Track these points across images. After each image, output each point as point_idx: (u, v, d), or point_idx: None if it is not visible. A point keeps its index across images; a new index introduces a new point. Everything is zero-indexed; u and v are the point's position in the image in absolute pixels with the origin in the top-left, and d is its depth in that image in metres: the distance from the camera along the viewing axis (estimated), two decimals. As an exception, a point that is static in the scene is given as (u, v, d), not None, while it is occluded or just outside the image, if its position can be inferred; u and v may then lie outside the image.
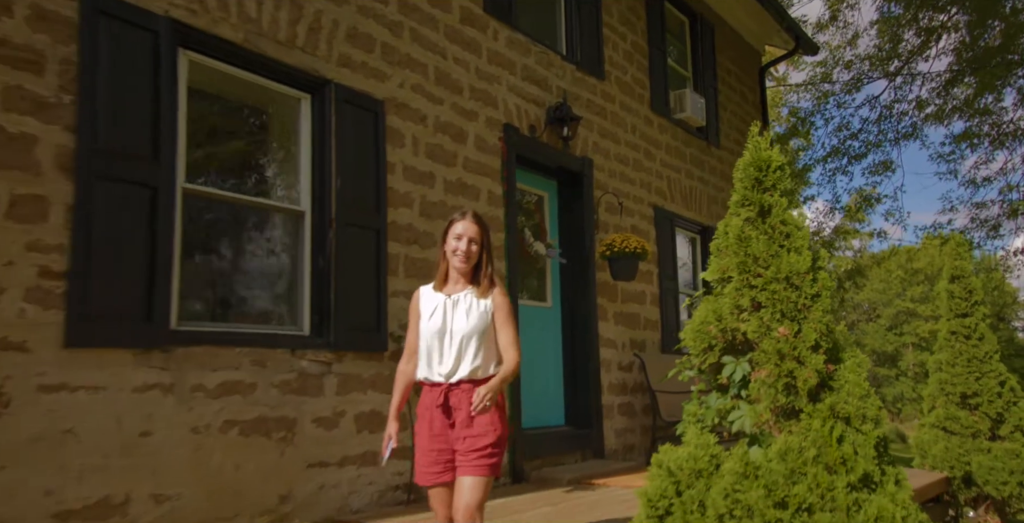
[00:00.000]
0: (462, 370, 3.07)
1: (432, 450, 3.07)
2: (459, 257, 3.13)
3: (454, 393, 3.06)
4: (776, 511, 2.52)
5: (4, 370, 3.12)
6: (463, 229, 3.15)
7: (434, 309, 3.16)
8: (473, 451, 3.01)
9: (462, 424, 3.05)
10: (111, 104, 3.58)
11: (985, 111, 15.71)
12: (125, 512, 3.45)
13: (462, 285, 3.20)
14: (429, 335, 3.12)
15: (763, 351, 2.83)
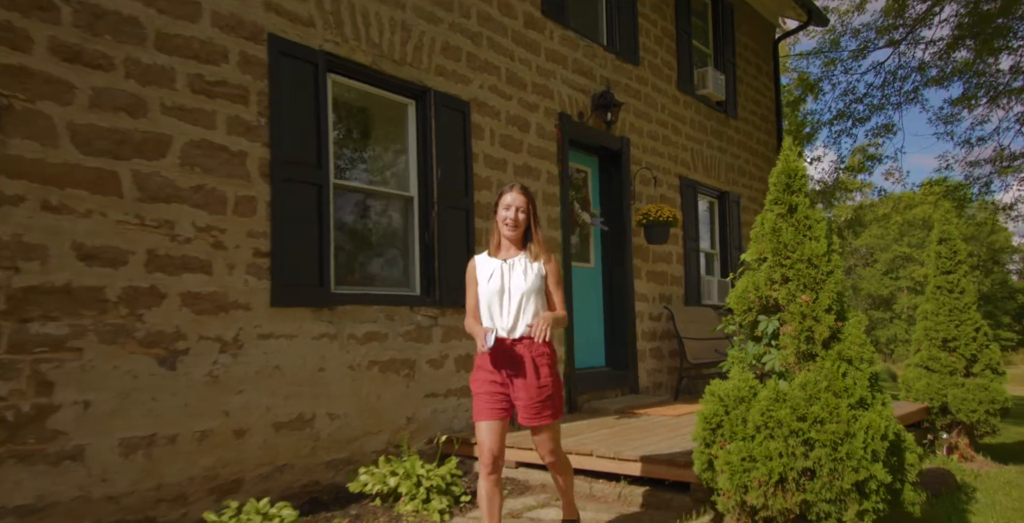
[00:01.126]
0: (521, 324, 3.37)
1: (491, 393, 3.35)
2: (509, 225, 3.42)
3: (516, 345, 3.36)
4: (798, 423, 3.63)
5: (238, 323, 4.24)
6: (512, 200, 3.44)
7: (492, 272, 3.43)
8: (541, 402, 3.34)
9: (527, 374, 3.34)
10: (289, 123, 4.60)
11: (982, 73, 16.42)
12: (312, 425, 4.62)
13: (514, 251, 3.48)
14: (489, 295, 3.40)
15: (790, 312, 3.93)
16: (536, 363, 3.36)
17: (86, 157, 3.62)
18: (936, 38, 16.10)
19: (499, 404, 3.34)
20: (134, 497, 3.70)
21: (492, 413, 3.31)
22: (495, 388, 3.33)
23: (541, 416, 3.35)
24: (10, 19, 3.39)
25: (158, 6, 3.97)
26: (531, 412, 3.34)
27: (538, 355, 3.39)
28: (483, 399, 3.35)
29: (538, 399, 3.32)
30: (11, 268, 3.32)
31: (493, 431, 3.30)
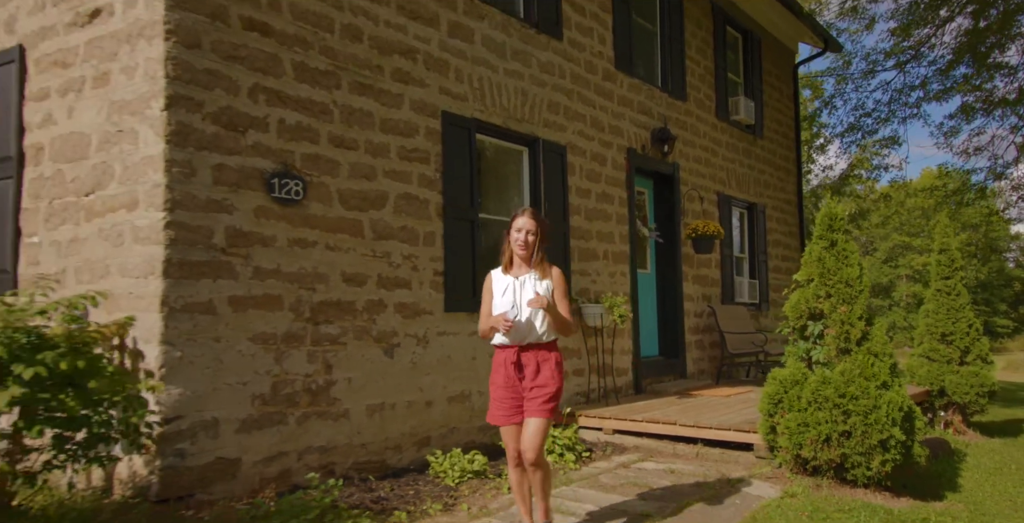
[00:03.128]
0: (532, 335, 3.66)
1: (505, 398, 3.67)
2: (519, 245, 3.68)
3: (524, 354, 3.66)
4: (839, 399, 5.08)
5: (426, 324, 5.72)
6: (522, 224, 3.70)
7: (505, 288, 3.71)
8: (538, 398, 3.62)
9: (530, 376, 3.65)
10: (453, 175, 6.06)
11: (980, 88, 17.71)
12: (469, 399, 6.11)
13: (525, 269, 3.74)
14: (503, 307, 3.67)
15: (832, 319, 5.39)
16: (540, 365, 3.66)
17: (346, 211, 5.09)
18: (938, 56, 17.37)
19: (512, 410, 3.65)
20: (373, 445, 5.20)
21: (508, 419, 3.65)
22: (508, 394, 3.66)
23: (535, 409, 3.60)
24: (309, 122, 4.85)
25: (381, 101, 5.42)
26: (529, 405, 3.63)
27: (543, 360, 3.67)
28: (498, 405, 3.68)
29: (537, 395, 3.61)
30: (311, 289, 4.80)
31: (512, 434, 3.66)
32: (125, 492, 3.96)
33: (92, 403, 2.91)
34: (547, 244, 3.79)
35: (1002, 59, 17.24)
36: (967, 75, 17.76)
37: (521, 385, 3.64)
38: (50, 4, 4.63)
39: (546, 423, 3.62)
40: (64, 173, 4.50)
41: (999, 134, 18.56)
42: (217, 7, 4.33)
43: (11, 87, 4.75)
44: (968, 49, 17.19)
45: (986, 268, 41.96)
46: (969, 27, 16.94)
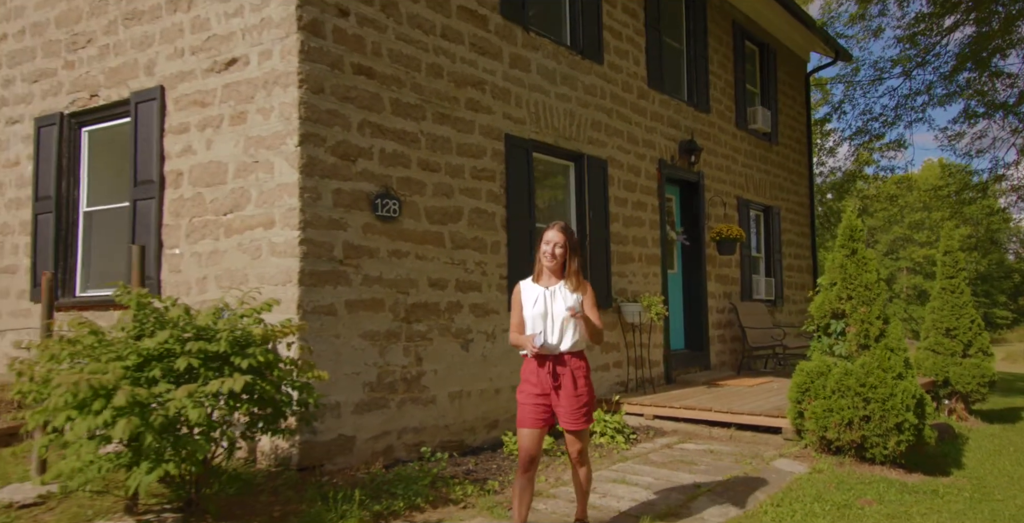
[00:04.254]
0: (564, 344, 3.67)
1: (536, 404, 3.67)
2: (547, 257, 3.76)
3: (560, 361, 3.68)
4: (860, 388, 5.78)
5: (493, 322, 6.43)
6: (551, 237, 3.79)
7: (536, 298, 3.75)
8: (579, 409, 3.67)
9: (568, 386, 3.66)
10: (514, 190, 6.77)
11: (982, 92, 18.31)
12: (530, 392, 6.81)
13: (555, 280, 3.81)
14: (534, 317, 3.70)
15: (853, 319, 6.09)
16: (575, 375, 3.67)
17: (431, 225, 5.82)
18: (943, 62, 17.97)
19: (542, 415, 3.65)
20: (454, 426, 5.94)
21: (535, 422, 3.64)
22: (540, 400, 3.65)
23: (578, 421, 3.67)
24: (403, 150, 5.57)
25: (457, 128, 6.14)
26: (571, 418, 3.66)
27: (576, 368, 3.69)
28: (528, 409, 3.66)
29: (577, 406, 3.65)
30: (405, 293, 5.53)
31: (533, 437, 3.63)
32: (267, 463, 4.71)
33: (276, 387, 3.63)
34: (578, 258, 3.81)
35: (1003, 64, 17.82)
36: (970, 79, 18.37)
37: (557, 394, 3.64)
38: (188, 52, 5.36)
39: (588, 432, 3.81)
40: (203, 195, 5.23)
41: (1000, 137, 19.18)
42: (335, 57, 5.05)
43: (152, 122, 5.48)
44: (971, 56, 17.81)
45: (986, 261, 42.16)
46: (973, 33, 17.54)
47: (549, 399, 3.66)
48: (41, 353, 3.44)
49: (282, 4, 4.86)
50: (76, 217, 6.23)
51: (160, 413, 3.08)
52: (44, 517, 3.78)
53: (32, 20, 6.54)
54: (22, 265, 6.50)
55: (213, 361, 3.43)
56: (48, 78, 6.38)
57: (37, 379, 3.28)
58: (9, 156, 6.69)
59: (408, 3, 5.69)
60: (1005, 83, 18.02)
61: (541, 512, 4.44)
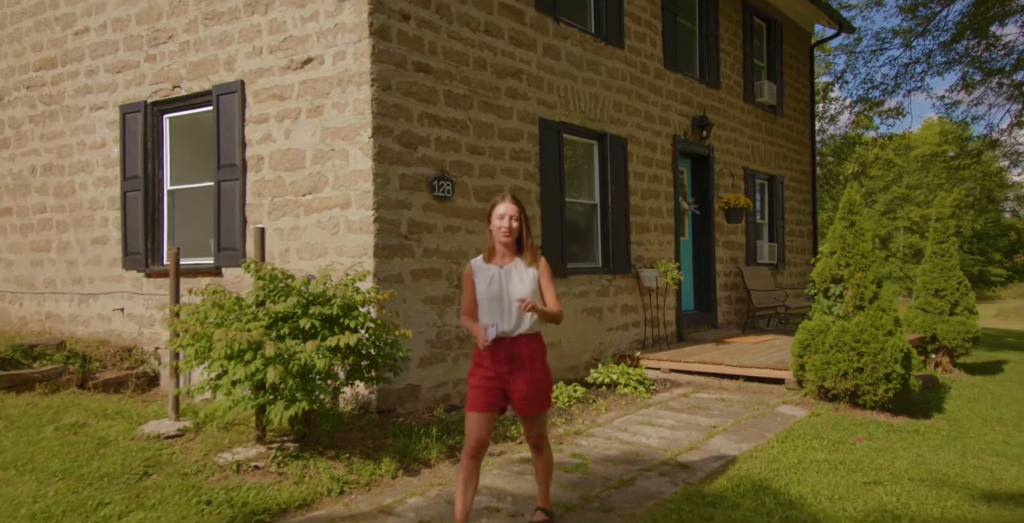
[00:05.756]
0: (522, 327, 3.43)
1: (488, 388, 3.41)
2: (503, 232, 3.42)
3: (516, 345, 3.42)
4: (854, 343, 6.51)
5: (532, 290, 7.13)
6: (505, 209, 3.43)
7: (490, 278, 3.45)
8: (536, 393, 3.44)
9: (523, 370, 3.41)
10: (547, 169, 7.41)
11: (979, 60, 18.66)
12: (560, 346, 7.56)
13: (509, 258, 3.49)
14: (488, 299, 3.43)
15: (850, 283, 6.78)
16: (531, 358, 3.44)
17: (477, 203, 6.48)
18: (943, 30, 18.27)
19: (493, 398, 3.42)
20: (499, 381, 6.70)
21: (486, 406, 3.40)
22: (492, 384, 3.41)
23: (535, 406, 3.46)
24: (454, 136, 6.21)
25: (499, 114, 6.76)
26: (528, 402, 3.43)
27: (533, 351, 3.46)
28: (479, 393, 3.42)
29: (534, 390, 3.43)
30: (457, 263, 6.23)
31: (483, 422, 3.39)
32: (350, 407, 5.47)
33: (372, 343, 4.35)
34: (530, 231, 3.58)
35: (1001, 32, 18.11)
36: (968, 47, 18.70)
37: (512, 377, 3.41)
38: (266, 51, 5.96)
39: (546, 416, 3.58)
40: (283, 178, 5.89)
41: (996, 103, 19.60)
42: (400, 58, 5.66)
43: (234, 112, 6.11)
44: (971, 25, 18.12)
45: (982, 218, 42.25)
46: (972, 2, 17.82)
47: (502, 383, 3.42)
48: (190, 315, 4.15)
49: (355, 11, 5.45)
50: (161, 195, 6.91)
51: (296, 362, 3.81)
52: (190, 445, 4.56)
53: (113, 16, 7.11)
54: (112, 237, 7.20)
55: (327, 322, 4.14)
56: (131, 69, 6.98)
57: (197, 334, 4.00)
58: (95, 139, 7.33)
59: (458, 4, 6.26)
60: (1001, 52, 18.38)
61: (584, 447, 5.22)
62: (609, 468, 4.71)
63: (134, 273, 7.02)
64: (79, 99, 7.51)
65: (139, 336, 6.98)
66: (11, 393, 5.88)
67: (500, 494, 4.16)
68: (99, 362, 6.66)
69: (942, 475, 4.71)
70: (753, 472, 4.66)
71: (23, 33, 8.07)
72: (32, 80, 7.97)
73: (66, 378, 6.24)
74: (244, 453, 4.31)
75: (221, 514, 3.68)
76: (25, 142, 8.07)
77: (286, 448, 4.34)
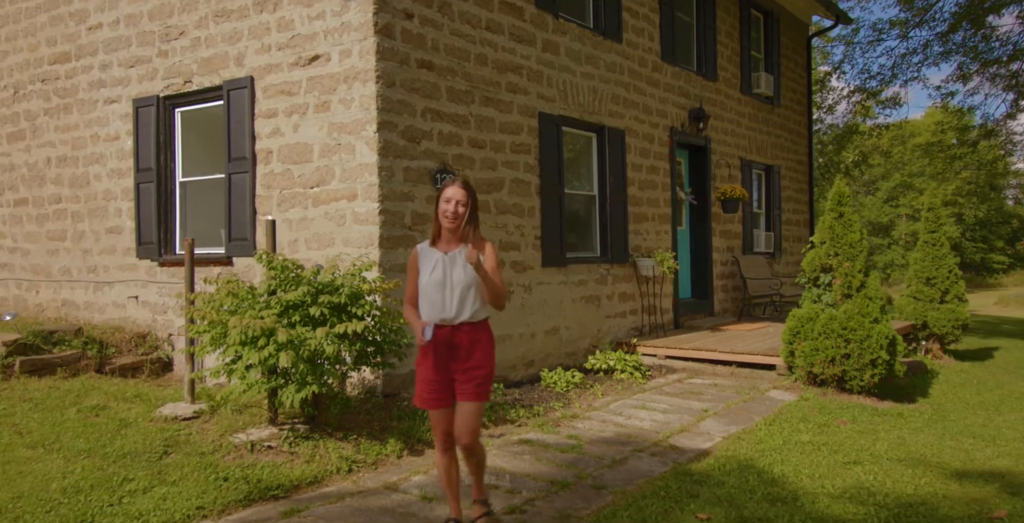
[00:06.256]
0: (464, 315, 3.32)
1: (434, 380, 3.35)
2: (448, 218, 3.32)
3: (457, 333, 3.33)
4: (842, 331, 6.71)
5: (530, 276, 7.35)
6: (452, 194, 3.33)
7: (434, 265, 3.35)
8: (474, 381, 3.33)
9: (463, 358, 3.33)
10: (546, 161, 7.58)
11: (976, 49, 18.71)
12: (559, 333, 7.79)
13: (455, 244, 3.38)
14: (432, 286, 3.33)
15: (838, 272, 6.97)
16: (472, 347, 3.36)
17: (480, 195, 6.66)
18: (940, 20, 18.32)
19: (441, 394, 3.38)
20: (500, 365, 6.91)
21: (437, 403, 3.38)
22: (437, 376, 3.36)
23: (469, 394, 3.35)
24: (456, 131, 6.38)
25: (499, 109, 6.92)
26: (463, 390, 3.36)
27: (476, 340, 3.37)
28: (426, 387, 3.39)
29: (470, 378, 3.34)
30: (460, 254, 6.42)
31: (441, 417, 3.40)
32: (356, 391, 5.69)
33: (378, 330, 4.56)
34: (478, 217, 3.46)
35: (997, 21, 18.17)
36: (965, 37, 18.74)
37: (453, 367, 3.35)
38: (275, 48, 6.12)
39: (482, 406, 3.42)
40: (292, 171, 6.08)
41: (992, 93, 19.67)
42: (404, 55, 5.82)
43: (244, 107, 6.29)
44: (967, 14, 18.16)
45: (984, 206, 42.12)
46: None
47: (448, 373, 3.36)
48: (205, 303, 4.36)
49: (360, 10, 5.62)
50: (173, 186, 7.10)
51: (306, 348, 4.02)
52: (205, 426, 4.79)
53: (126, 12, 7.27)
54: (126, 226, 7.40)
55: (335, 310, 4.35)
56: (143, 64, 7.15)
57: (213, 321, 4.21)
58: (109, 131, 7.52)
59: (459, 2, 6.42)
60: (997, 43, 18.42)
61: (579, 429, 5.44)
62: (603, 449, 4.93)
63: (148, 262, 7.22)
64: (93, 93, 7.69)
65: (153, 323, 7.20)
66: (34, 377, 6.11)
67: (499, 472, 4.38)
68: (115, 348, 6.88)
69: (919, 455, 4.92)
70: (740, 453, 4.87)
71: (38, 28, 8.23)
72: (47, 74, 8.14)
73: (84, 363, 6.46)
74: (258, 434, 4.53)
75: (238, 489, 3.90)
76: (40, 134, 8.26)
77: (297, 429, 4.56)
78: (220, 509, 3.71)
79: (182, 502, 3.72)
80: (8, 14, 8.57)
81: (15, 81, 8.52)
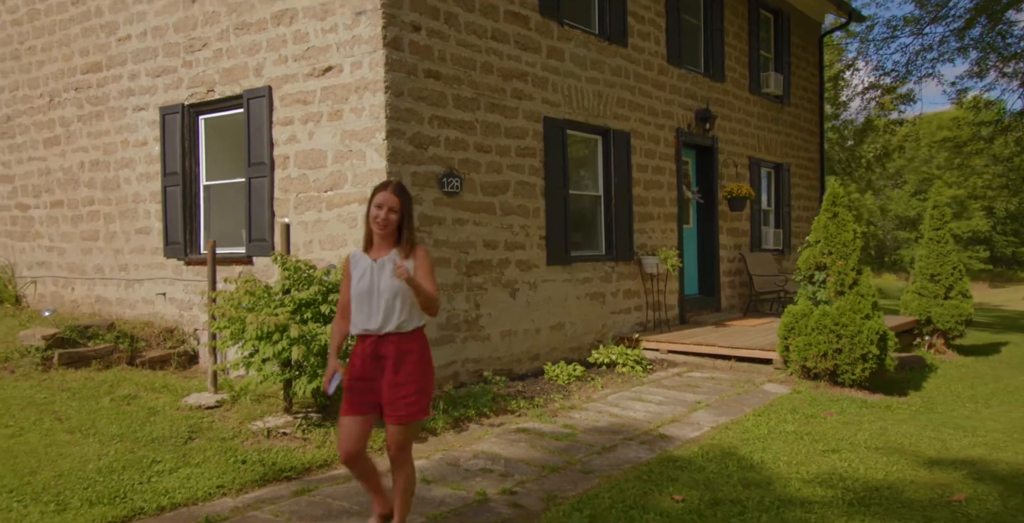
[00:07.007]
0: (391, 325, 3.15)
1: (358, 389, 3.18)
2: (378, 224, 3.19)
3: (383, 344, 3.15)
4: (835, 326, 6.93)
5: (535, 275, 7.64)
6: (383, 199, 3.19)
7: (363, 272, 3.23)
8: (401, 400, 3.13)
9: (391, 370, 3.15)
10: (551, 164, 7.86)
11: (993, 45, 18.62)
12: (563, 329, 8.08)
13: (386, 249, 3.25)
14: (359, 294, 3.19)
15: (832, 270, 7.18)
16: (401, 360, 3.17)
17: (485, 197, 6.97)
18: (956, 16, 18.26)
19: (363, 398, 3.19)
20: (505, 358, 7.22)
21: (354, 409, 3.19)
22: (361, 385, 3.19)
23: (399, 413, 3.17)
24: (462, 137, 6.69)
25: (505, 115, 7.22)
26: (391, 408, 3.17)
27: (405, 352, 3.19)
28: (348, 394, 3.21)
29: (398, 395, 3.15)
30: (465, 253, 6.74)
31: (349, 427, 3.18)
32: (368, 384, 6.03)
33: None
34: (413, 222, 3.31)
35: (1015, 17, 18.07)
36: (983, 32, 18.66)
37: (380, 380, 3.17)
38: (291, 59, 6.47)
39: (410, 426, 3.22)
40: (307, 176, 6.43)
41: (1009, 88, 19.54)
42: (411, 66, 6.14)
43: (263, 115, 6.65)
44: (984, 9, 18.09)
45: (1016, 199, 41.40)
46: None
47: (375, 384, 3.19)
48: (226, 301, 4.72)
49: (370, 24, 5.94)
50: (198, 190, 7.49)
51: (316, 343, 4.36)
52: (227, 414, 5.16)
53: (153, 24, 7.67)
54: (154, 227, 7.81)
55: (344, 307, 4.69)
56: (169, 74, 7.54)
57: (232, 318, 4.57)
58: (138, 137, 7.93)
59: (465, 14, 6.71)
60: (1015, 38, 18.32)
61: (575, 419, 5.73)
62: (595, 437, 5.22)
63: (174, 261, 7.63)
64: (123, 101, 8.10)
65: (180, 318, 7.61)
66: (71, 368, 6.54)
67: (495, 458, 4.70)
68: (145, 341, 7.30)
69: (897, 445, 5.15)
70: (724, 441, 5.14)
71: (71, 39, 8.66)
72: (80, 83, 8.58)
73: (116, 356, 6.88)
74: (273, 421, 4.89)
75: (254, 471, 4.26)
76: (74, 140, 8.70)
77: (310, 417, 4.91)
78: (238, 488, 4.07)
79: (204, 481, 4.08)
80: (44, 26, 9.02)
81: (51, 89, 8.98)
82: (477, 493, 4.05)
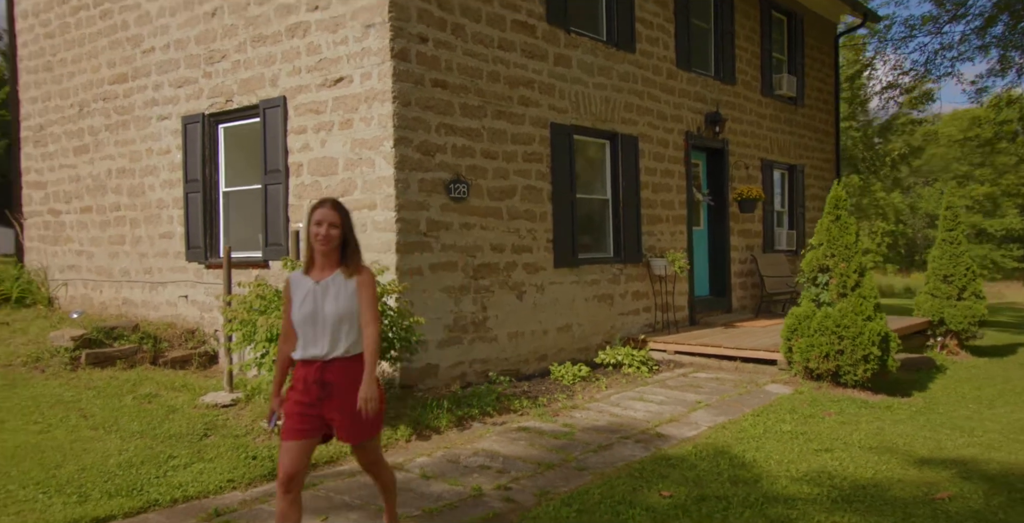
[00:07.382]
0: (338, 350, 3.08)
1: (302, 415, 3.07)
2: (320, 241, 3.10)
3: (329, 370, 3.07)
4: (837, 328, 6.99)
5: (542, 277, 7.79)
6: (321, 215, 3.11)
7: (305, 296, 3.12)
8: (355, 425, 3.09)
9: (339, 397, 3.07)
10: (558, 169, 8.00)
11: (1015, 43, 18.39)
12: (571, 330, 8.22)
13: (329, 270, 3.15)
14: (302, 319, 3.09)
15: (835, 272, 7.24)
16: (348, 384, 3.09)
17: (491, 202, 7.14)
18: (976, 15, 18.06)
19: (306, 425, 3.08)
20: (512, 359, 7.39)
21: (295, 434, 3.06)
22: (304, 410, 3.08)
23: (353, 434, 3.15)
24: (469, 144, 6.86)
25: (512, 121, 7.38)
26: (344, 432, 3.14)
27: (354, 377, 3.10)
28: (291, 420, 3.09)
29: (349, 419, 3.09)
30: (472, 256, 6.91)
31: (292, 452, 3.05)
32: (377, 383, 6.23)
33: (391, 328, 5.09)
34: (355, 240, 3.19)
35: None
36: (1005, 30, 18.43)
37: (327, 405, 3.07)
38: (305, 70, 6.69)
39: (373, 442, 3.25)
40: (320, 182, 6.65)
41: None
42: (419, 76, 6.33)
43: (278, 124, 6.88)
44: (1006, 6, 17.87)
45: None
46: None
47: (317, 409, 3.08)
48: (239, 304, 4.94)
49: (378, 37, 6.13)
50: (217, 196, 7.75)
51: (322, 344, 4.57)
52: (240, 413, 5.39)
53: (175, 37, 7.95)
54: (177, 232, 8.10)
55: (350, 310, 4.89)
56: (191, 84, 7.82)
57: (244, 320, 4.79)
58: (161, 146, 8.22)
59: (472, 24, 6.89)
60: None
61: (576, 418, 5.88)
62: (593, 436, 5.37)
63: (195, 264, 7.90)
64: (147, 110, 8.40)
65: (200, 320, 7.88)
66: (97, 368, 6.83)
67: (493, 455, 4.86)
68: (167, 342, 7.58)
69: (891, 444, 5.22)
70: (719, 440, 5.25)
71: (99, 51, 8.99)
72: (107, 93, 8.90)
73: (140, 356, 7.16)
74: (285, 418, 5.10)
75: (263, 466, 4.47)
76: (102, 148, 9.03)
77: (319, 414, 5.11)
78: (247, 482, 4.28)
79: (216, 476, 4.30)
80: (74, 39, 9.37)
81: (80, 99, 9.32)
82: (473, 488, 4.22)
